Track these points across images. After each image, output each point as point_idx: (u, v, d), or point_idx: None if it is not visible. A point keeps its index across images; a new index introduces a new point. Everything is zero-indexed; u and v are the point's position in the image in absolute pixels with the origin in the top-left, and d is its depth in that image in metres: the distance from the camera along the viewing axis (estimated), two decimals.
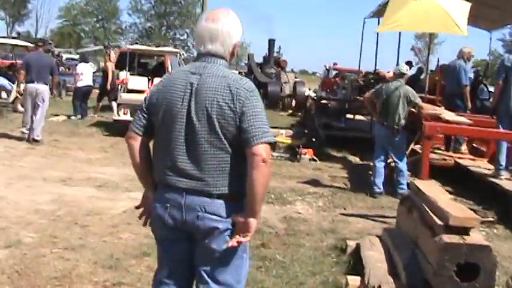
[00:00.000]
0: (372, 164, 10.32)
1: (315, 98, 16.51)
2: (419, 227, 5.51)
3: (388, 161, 10.15)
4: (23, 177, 8.89)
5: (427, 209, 5.36)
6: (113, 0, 74.82)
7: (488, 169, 10.19)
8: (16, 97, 16.95)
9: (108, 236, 6.30)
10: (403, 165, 9.69)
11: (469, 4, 11.34)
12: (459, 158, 11.19)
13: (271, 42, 29.10)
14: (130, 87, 14.63)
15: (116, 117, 13.70)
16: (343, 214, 8.27)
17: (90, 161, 10.64)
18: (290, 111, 21.95)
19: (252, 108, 3.00)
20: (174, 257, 3.23)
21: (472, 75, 14.49)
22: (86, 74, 17.10)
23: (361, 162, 12.83)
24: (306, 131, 14.99)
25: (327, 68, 43.41)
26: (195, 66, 3.13)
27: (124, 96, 14.09)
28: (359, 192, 9.65)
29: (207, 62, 3.12)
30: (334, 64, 44.04)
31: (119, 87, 14.70)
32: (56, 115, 16.44)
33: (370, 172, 11.45)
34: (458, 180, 10.32)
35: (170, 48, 19.45)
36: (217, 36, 3.10)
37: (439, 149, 12.36)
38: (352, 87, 20.07)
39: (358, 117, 16.75)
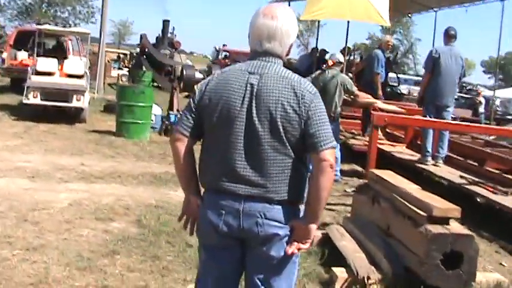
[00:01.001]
0: None
1: None
2: (391, 216, 5.59)
3: None
4: None
5: (402, 200, 5.45)
6: None
7: (410, 154, 10.56)
8: None
9: (65, 233, 5.91)
10: (337, 152, 9.82)
11: None
12: (380, 143, 11.47)
13: (166, 24, 28.54)
14: (39, 69, 13.80)
15: (26, 101, 12.93)
16: None
17: (8, 148, 9.98)
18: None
19: (318, 113, 2.86)
20: (223, 265, 3.02)
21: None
22: None
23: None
24: None
25: (217, 49, 43.34)
26: (252, 66, 2.93)
27: (34, 79, 13.30)
28: None
29: (265, 61, 2.93)
30: (224, 46, 44.04)
31: (29, 69, 13.83)
32: None
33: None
34: (382, 166, 10.55)
35: (81, 29, 18.52)
36: (275, 35, 2.91)
37: (355, 134, 12.70)
38: None
39: None
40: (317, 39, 19.39)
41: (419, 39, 71.69)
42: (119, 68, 32.67)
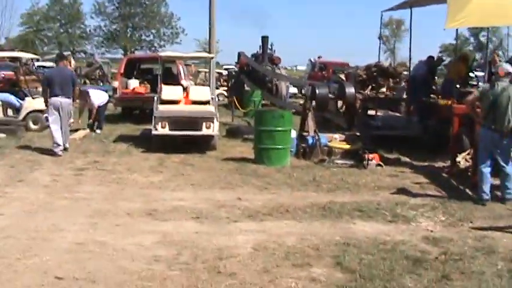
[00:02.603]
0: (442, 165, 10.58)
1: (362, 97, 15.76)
2: None
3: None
4: (100, 213, 7.81)
5: None
6: (75, 3, 72.89)
7: None
8: (27, 114, 15.73)
9: (270, 285, 5.34)
10: (510, 169, 8.97)
11: None
12: None
13: (265, 39, 28.20)
14: (164, 97, 13.49)
15: (155, 132, 12.62)
16: (475, 228, 7.56)
17: (155, 186, 9.57)
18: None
19: None
20: None
21: None
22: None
23: (423, 163, 12.06)
24: (357, 134, 14.14)
25: (312, 61, 42.70)
26: None
27: (161, 109, 12.98)
28: (462, 200, 9.02)
29: None
30: (319, 57, 43.36)
31: (155, 99, 13.56)
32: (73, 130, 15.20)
33: (445, 175, 10.84)
34: None
35: (203, 53, 18.29)
36: None
37: None
38: (356, 81, 19.42)
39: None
40: (410, 45, 18.32)
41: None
42: (216, 88, 32.62)
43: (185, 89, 14.69)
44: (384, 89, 19.05)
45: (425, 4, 16.19)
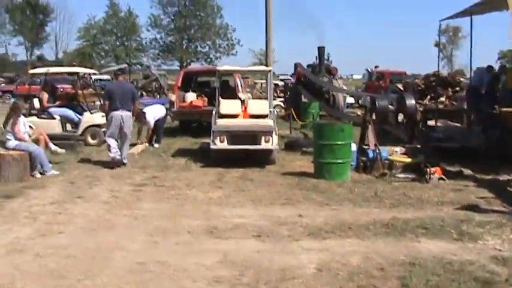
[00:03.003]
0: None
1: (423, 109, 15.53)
2: None
3: None
4: (160, 231, 7.85)
5: None
6: (131, 17, 74.31)
7: None
8: (86, 128, 16.03)
9: None
10: None
11: None
12: None
13: (321, 50, 28.16)
14: (223, 111, 13.56)
15: (214, 147, 12.69)
16: None
17: (214, 202, 9.59)
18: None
19: None
20: None
21: None
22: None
23: (487, 177, 11.75)
24: (418, 146, 13.90)
25: (370, 71, 42.44)
26: None
27: (219, 123, 13.04)
28: None
29: None
30: (376, 67, 43.06)
31: (213, 113, 13.63)
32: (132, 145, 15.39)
33: (510, 189, 10.57)
34: None
35: (262, 67, 18.33)
36: None
37: None
38: (414, 91, 19.12)
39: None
40: (470, 54, 17.87)
41: None
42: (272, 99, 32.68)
43: (243, 103, 14.73)
44: (443, 99, 18.75)
45: (485, 12, 15.91)
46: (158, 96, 27.97)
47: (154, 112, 16.28)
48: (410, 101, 13.84)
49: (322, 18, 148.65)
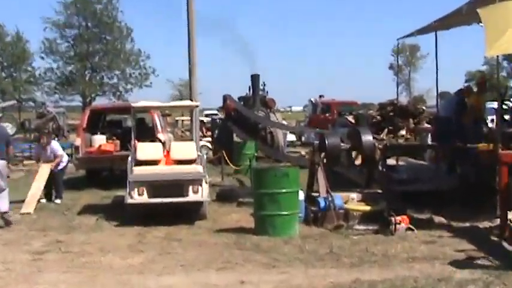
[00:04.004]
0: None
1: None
2: None
3: None
4: None
5: None
6: (20, 42, 73.15)
7: None
8: None
9: None
10: None
11: None
12: None
13: (255, 78, 28.32)
14: (140, 157, 13.45)
15: (130, 201, 12.56)
16: None
17: (136, 270, 9.46)
18: None
19: None
20: None
21: None
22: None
23: (464, 224, 12.00)
24: (378, 191, 14.09)
25: (313, 101, 42.99)
26: None
27: (137, 171, 12.93)
28: None
29: None
30: (321, 97, 43.67)
31: (128, 160, 13.49)
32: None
33: (494, 238, 10.80)
34: None
35: (187, 102, 18.31)
36: None
37: None
38: (369, 123, 19.51)
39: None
40: (436, 77, 18.18)
41: None
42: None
43: (164, 145, 14.69)
44: (403, 132, 19.14)
45: (452, 27, 16.45)
46: (56, 139, 27.62)
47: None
48: (367, 137, 13.98)
49: (254, 41, 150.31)
